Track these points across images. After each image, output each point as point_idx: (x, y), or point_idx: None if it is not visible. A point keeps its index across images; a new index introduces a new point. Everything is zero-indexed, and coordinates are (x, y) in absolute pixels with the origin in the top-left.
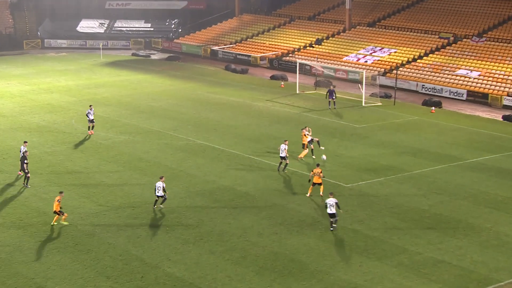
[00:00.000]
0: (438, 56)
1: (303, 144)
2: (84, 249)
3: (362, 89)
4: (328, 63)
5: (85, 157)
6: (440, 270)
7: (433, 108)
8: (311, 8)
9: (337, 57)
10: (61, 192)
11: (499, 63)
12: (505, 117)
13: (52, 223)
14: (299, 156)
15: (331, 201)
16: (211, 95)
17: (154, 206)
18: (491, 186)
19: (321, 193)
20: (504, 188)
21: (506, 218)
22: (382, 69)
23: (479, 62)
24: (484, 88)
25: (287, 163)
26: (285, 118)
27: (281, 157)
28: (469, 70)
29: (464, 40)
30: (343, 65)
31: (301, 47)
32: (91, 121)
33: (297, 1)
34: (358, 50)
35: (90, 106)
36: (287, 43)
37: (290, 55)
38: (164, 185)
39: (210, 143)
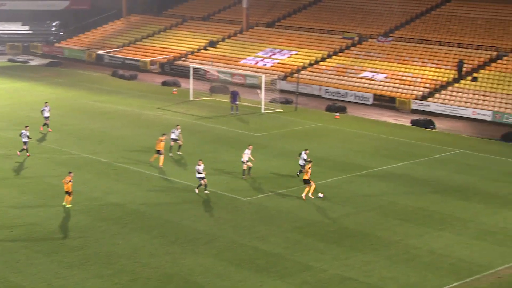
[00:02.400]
0: (342, 58)
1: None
2: None
3: (261, 94)
4: (224, 67)
5: None
6: (346, 287)
7: (337, 113)
8: (205, 7)
9: (233, 61)
10: (70, 172)
11: (407, 64)
12: (413, 122)
13: (65, 205)
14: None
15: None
16: (97, 103)
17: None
18: (399, 196)
19: (304, 195)
20: (413, 198)
21: (416, 230)
22: (282, 73)
23: (386, 63)
24: (391, 92)
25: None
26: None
27: (300, 164)
28: (375, 72)
29: (370, 40)
30: (241, 69)
31: (195, 50)
32: (46, 118)
33: (190, 0)
34: (256, 53)
35: (45, 103)
36: (179, 46)
37: (183, 59)
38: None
39: (96, 157)
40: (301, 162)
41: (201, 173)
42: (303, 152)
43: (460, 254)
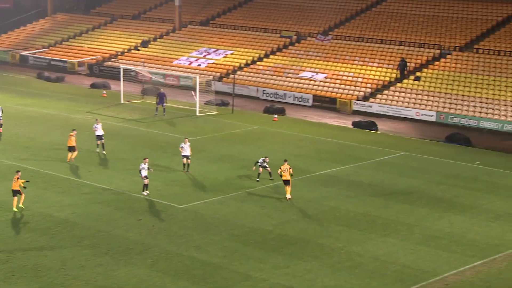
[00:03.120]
0: (280, 58)
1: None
2: None
3: (196, 96)
4: (156, 68)
5: None
6: None
7: (275, 115)
8: (135, 5)
9: (166, 61)
10: (18, 171)
11: (347, 63)
12: (355, 124)
13: (20, 205)
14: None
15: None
16: (22, 107)
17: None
18: (341, 201)
19: (288, 196)
20: (355, 203)
21: (359, 236)
22: (218, 74)
23: (325, 63)
24: (332, 92)
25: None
26: (109, 131)
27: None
28: (315, 72)
29: (308, 38)
30: (174, 70)
31: (125, 51)
32: None
33: None
34: (190, 53)
35: None
36: (109, 46)
37: (113, 59)
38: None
39: (22, 164)
40: (260, 164)
41: (144, 172)
42: (261, 159)
43: (405, 260)
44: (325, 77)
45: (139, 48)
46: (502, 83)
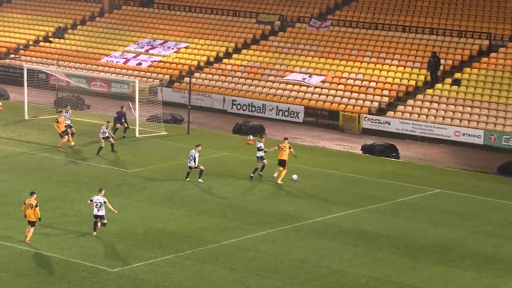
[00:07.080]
0: (257, 53)
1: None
2: None
3: (135, 110)
4: (77, 68)
5: None
6: None
7: (251, 137)
8: None
9: (91, 58)
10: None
11: (354, 61)
12: (366, 148)
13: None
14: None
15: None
16: None
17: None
18: (349, 261)
19: (280, 179)
20: (369, 264)
21: None
22: (167, 76)
23: (323, 60)
24: (332, 103)
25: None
26: (8, 162)
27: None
28: (307, 74)
29: (298, 25)
30: (102, 71)
31: (31, 43)
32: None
33: None
34: (126, 46)
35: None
36: (5, 37)
37: (12, 55)
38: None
39: None
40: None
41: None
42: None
43: None
44: (322, 81)
45: (51, 39)
46: None
